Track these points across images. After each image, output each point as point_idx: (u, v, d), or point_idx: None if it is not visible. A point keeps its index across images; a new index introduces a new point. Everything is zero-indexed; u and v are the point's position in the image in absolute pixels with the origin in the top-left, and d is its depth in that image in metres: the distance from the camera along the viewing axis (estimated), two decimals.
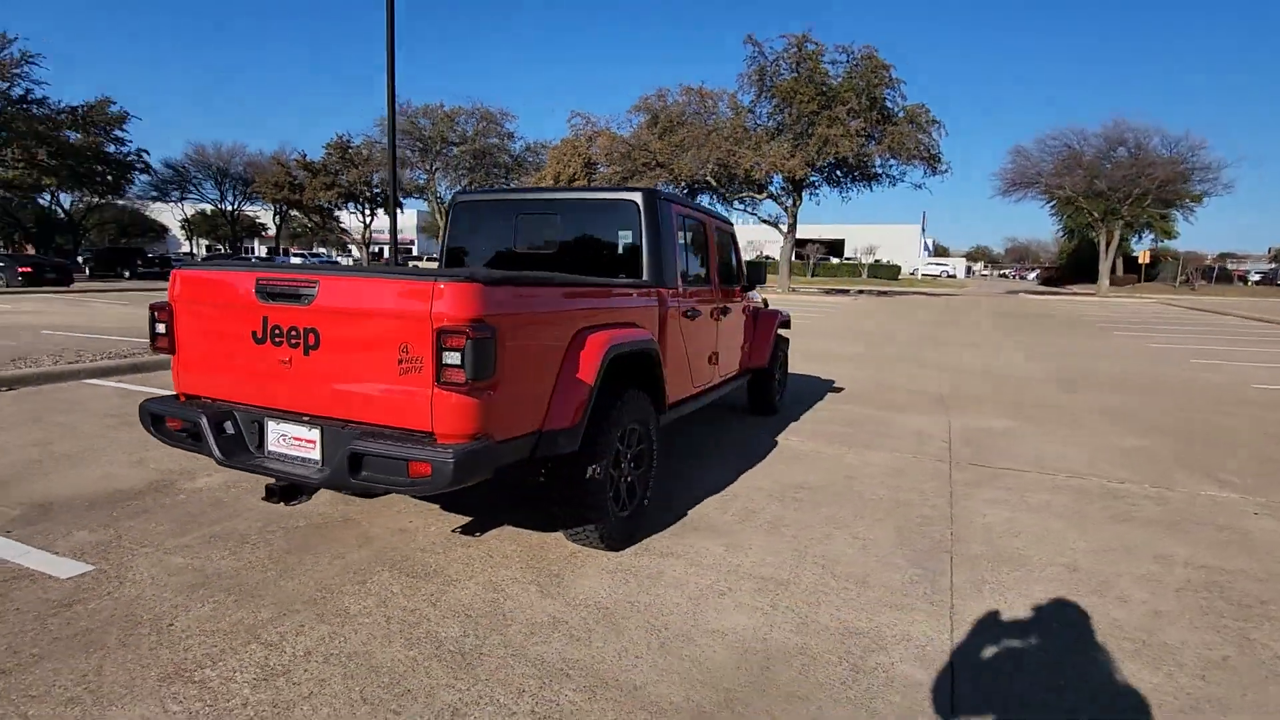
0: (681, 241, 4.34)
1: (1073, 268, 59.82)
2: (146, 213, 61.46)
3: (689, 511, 3.98)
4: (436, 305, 2.37)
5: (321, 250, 68.56)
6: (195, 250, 65.09)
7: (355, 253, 53.14)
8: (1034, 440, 5.88)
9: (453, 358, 2.33)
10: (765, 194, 30.45)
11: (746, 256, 6.62)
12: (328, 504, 3.88)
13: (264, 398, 2.78)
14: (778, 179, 29.86)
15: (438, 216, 40.01)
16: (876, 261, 63.10)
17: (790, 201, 30.50)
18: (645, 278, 3.94)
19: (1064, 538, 3.75)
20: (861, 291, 39.79)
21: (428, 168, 37.05)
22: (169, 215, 61.84)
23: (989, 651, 2.62)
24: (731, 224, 5.71)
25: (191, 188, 54.86)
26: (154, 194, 54.59)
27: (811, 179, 29.88)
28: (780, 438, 5.77)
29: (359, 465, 2.46)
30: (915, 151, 26.56)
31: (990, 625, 2.81)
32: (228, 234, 59.44)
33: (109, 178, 37.07)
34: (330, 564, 3.17)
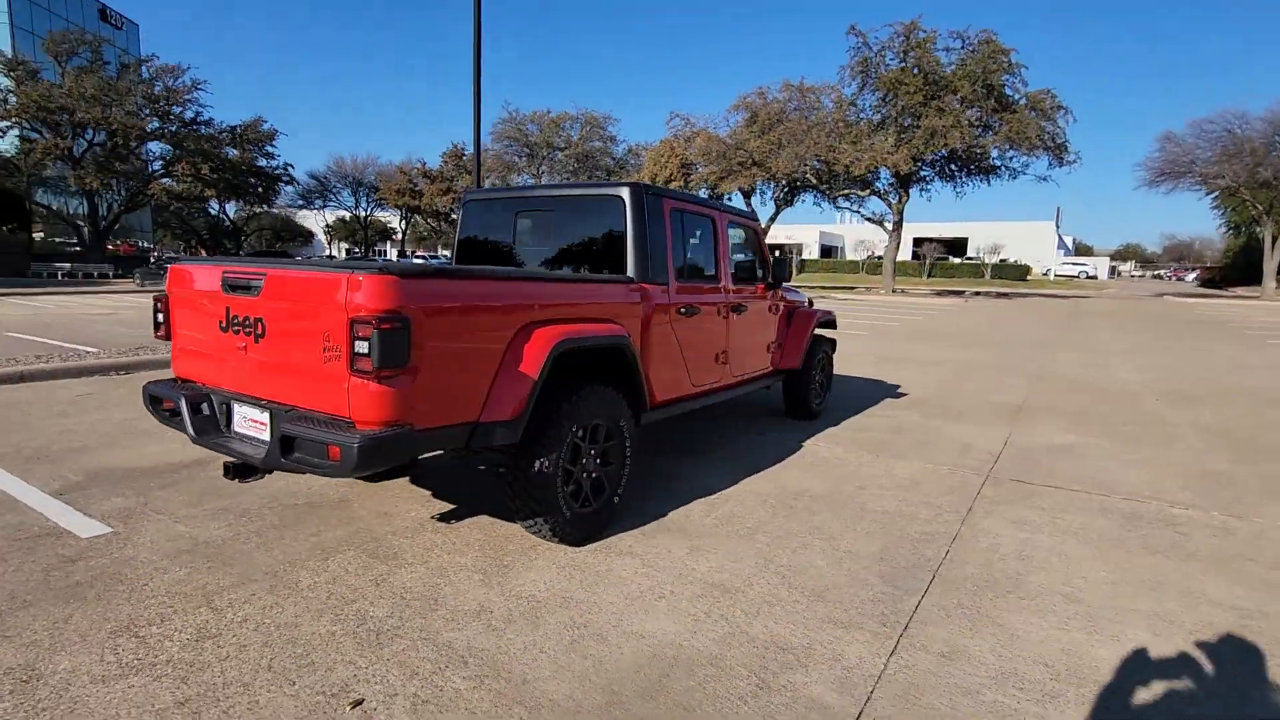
0: (678, 237, 4.27)
1: (1239, 268, 52.81)
2: (296, 219, 68.23)
3: (670, 512, 3.90)
4: (352, 296, 2.48)
5: (444, 253, 73.18)
6: (335, 253, 71.03)
7: None
8: (1101, 458, 5.27)
9: (362, 346, 2.43)
10: (870, 190, 29.16)
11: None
12: (330, 486, 4.15)
13: (231, 382, 3.02)
14: (885, 175, 28.53)
15: None
16: (1002, 261, 58.64)
17: (896, 198, 29.01)
18: (630, 273, 3.90)
19: (1080, 565, 3.34)
20: (978, 293, 37.21)
21: (534, 172, 38.46)
22: (314, 221, 68.11)
23: (925, 684, 2.38)
24: (754, 220, 5.54)
25: (331, 196, 60.37)
26: (299, 203, 60.55)
27: (921, 173, 28.27)
28: (808, 442, 5.52)
29: (290, 447, 2.61)
30: (1037, 141, 24.47)
31: (941, 655, 2.55)
32: (363, 238, 64.77)
33: (260, 189, 41.44)
34: (305, 540, 3.38)
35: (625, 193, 3.96)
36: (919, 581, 3.13)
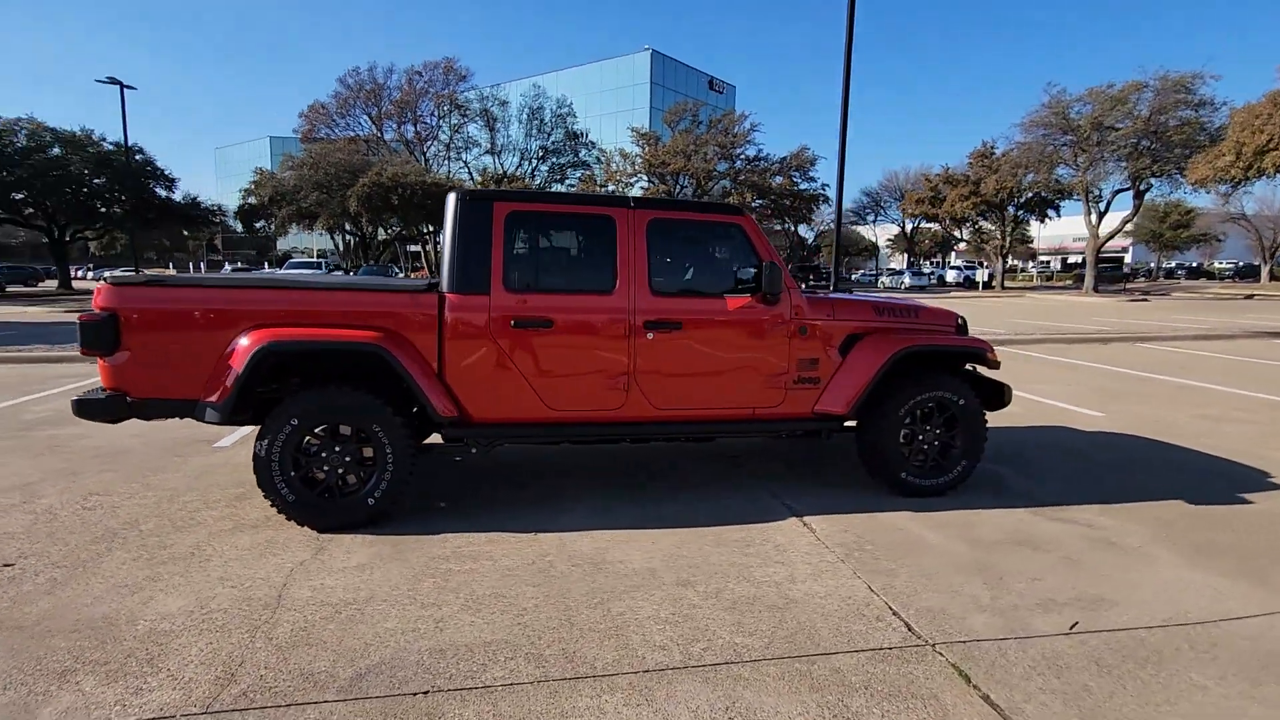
0: (517, 243, 3.83)
1: None
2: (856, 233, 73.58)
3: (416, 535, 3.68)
4: (96, 296, 3.55)
5: (980, 265, 66.95)
6: (895, 266, 72.96)
7: (987, 264, 49.46)
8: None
9: (85, 334, 3.48)
10: None
11: None
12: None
13: None
14: None
15: (1090, 218, 33.75)
16: None
17: None
18: (443, 281, 3.81)
19: None
20: None
21: (1077, 163, 31.69)
22: (873, 235, 71.91)
23: None
24: (739, 214, 4.16)
25: (883, 211, 62.60)
26: (851, 219, 64.80)
27: None
28: (820, 526, 3.92)
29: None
30: None
31: None
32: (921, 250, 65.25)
33: (799, 210, 46.51)
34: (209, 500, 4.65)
35: (451, 198, 3.86)
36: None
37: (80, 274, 51.36)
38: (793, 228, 56.93)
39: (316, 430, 3.67)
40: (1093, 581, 3.19)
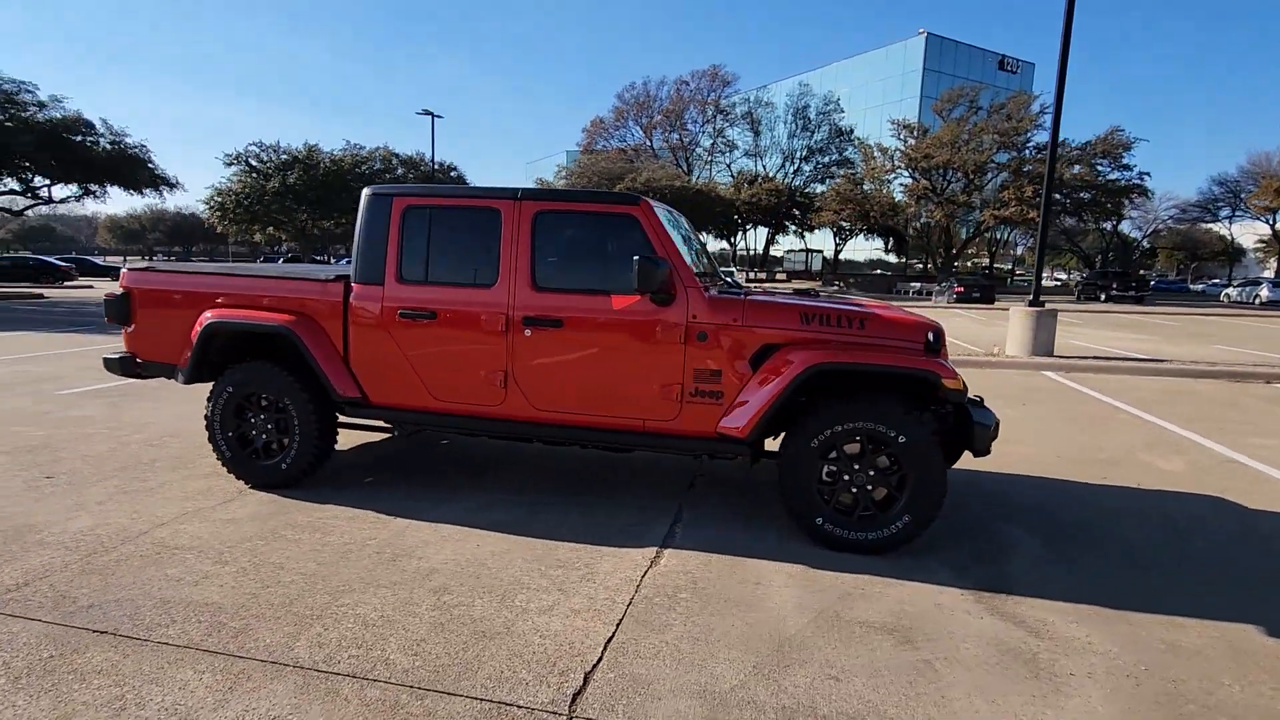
0: (412, 237, 3.92)
1: None
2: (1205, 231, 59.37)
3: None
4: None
5: None
6: (1249, 275, 57.29)
7: None
8: None
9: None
10: None
11: None
12: None
13: None
14: None
15: None
16: None
17: None
18: (352, 271, 4.09)
19: None
20: None
21: None
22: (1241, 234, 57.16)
23: None
24: (631, 204, 3.65)
25: (1241, 204, 49.06)
26: (1195, 214, 52.04)
27: None
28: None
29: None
30: None
31: None
32: None
33: (1106, 205, 38.56)
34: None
35: (364, 194, 4.12)
36: None
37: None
38: (1113, 226, 47.50)
39: (248, 398, 4.23)
40: (908, 706, 2.29)
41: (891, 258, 53.99)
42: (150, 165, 25.90)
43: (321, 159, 39.22)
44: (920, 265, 51.90)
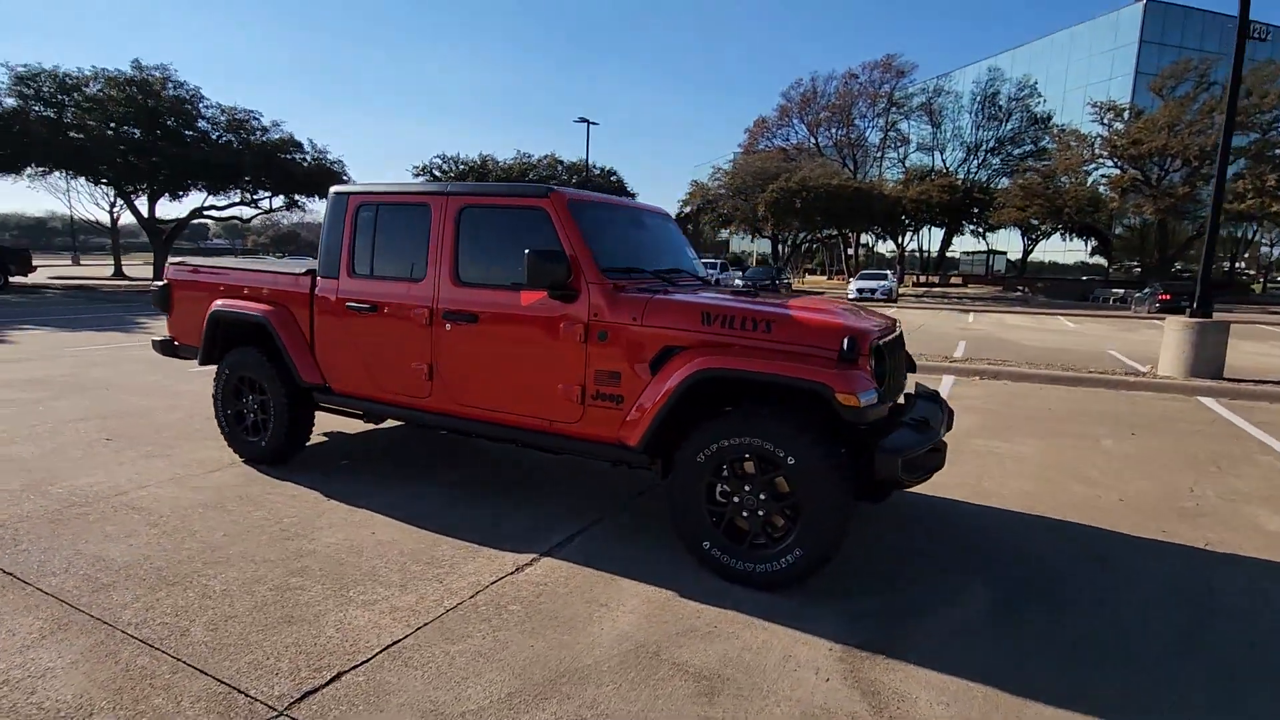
0: (363, 233, 4.07)
1: None
2: None
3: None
4: None
5: None
6: None
7: None
8: None
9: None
10: None
11: None
12: None
13: None
14: None
15: None
16: None
17: None
18: (319, 266, 4.36)
19: None
20: None
21: None
22: None
23: None
24: (542, 196, 3.46)
25: None
26: None
27: None
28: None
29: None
30: None
31: None
32: None
33: None
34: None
35: (330, 191, 4.36)
36: None
37: None
38: None
39: (241, 380, 4.67)
40: None
41: (1100, 260, 47.09)
42: (345, 179, 29.72)
43: (494, 168, 42.52)
44: (1138, 268, 44.64)
